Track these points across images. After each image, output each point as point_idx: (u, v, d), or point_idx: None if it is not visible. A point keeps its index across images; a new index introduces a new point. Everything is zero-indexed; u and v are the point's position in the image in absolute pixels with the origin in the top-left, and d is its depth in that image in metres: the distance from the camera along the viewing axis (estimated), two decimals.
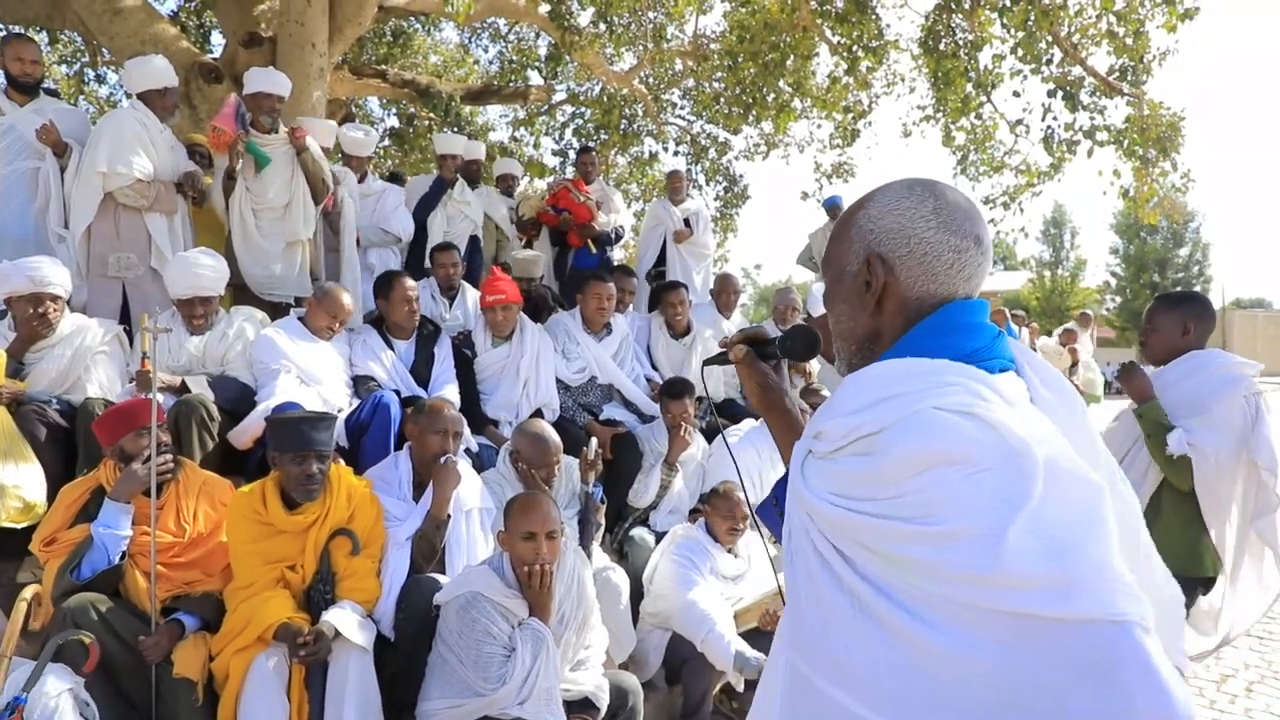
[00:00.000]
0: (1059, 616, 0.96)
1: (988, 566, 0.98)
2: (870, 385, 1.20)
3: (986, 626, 0.99)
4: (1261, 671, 4.86)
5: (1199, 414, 3.40)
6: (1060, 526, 1.00)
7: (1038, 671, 0.97)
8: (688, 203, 8.05)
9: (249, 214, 5.34)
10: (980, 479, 1.02)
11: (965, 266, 1.27)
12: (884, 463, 1.09)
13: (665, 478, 4.90)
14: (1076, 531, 1.00)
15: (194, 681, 3.04)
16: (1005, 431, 1.04)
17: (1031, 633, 0.97)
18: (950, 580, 1.01)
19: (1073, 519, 1.01)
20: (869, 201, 1.34)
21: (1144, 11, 9.27)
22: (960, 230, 1.27)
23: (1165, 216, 11.89)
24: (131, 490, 3.23)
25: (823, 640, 1.15)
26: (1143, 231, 40.92)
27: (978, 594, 1.00)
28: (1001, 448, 1.03)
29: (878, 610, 1.08)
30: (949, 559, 1.01)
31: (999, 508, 1.00)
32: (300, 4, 7.62)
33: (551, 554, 3.15)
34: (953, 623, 1.02)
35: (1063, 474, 1.03)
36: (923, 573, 1.04)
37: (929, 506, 1.04)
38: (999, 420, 1.05)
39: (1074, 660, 0.96)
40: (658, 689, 4.11)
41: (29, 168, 4.97)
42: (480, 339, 5.26)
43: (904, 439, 1.08)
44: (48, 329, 4.04)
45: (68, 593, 3.06)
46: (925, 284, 1.28)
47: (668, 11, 12.11)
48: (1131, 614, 0.97)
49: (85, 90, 13.49)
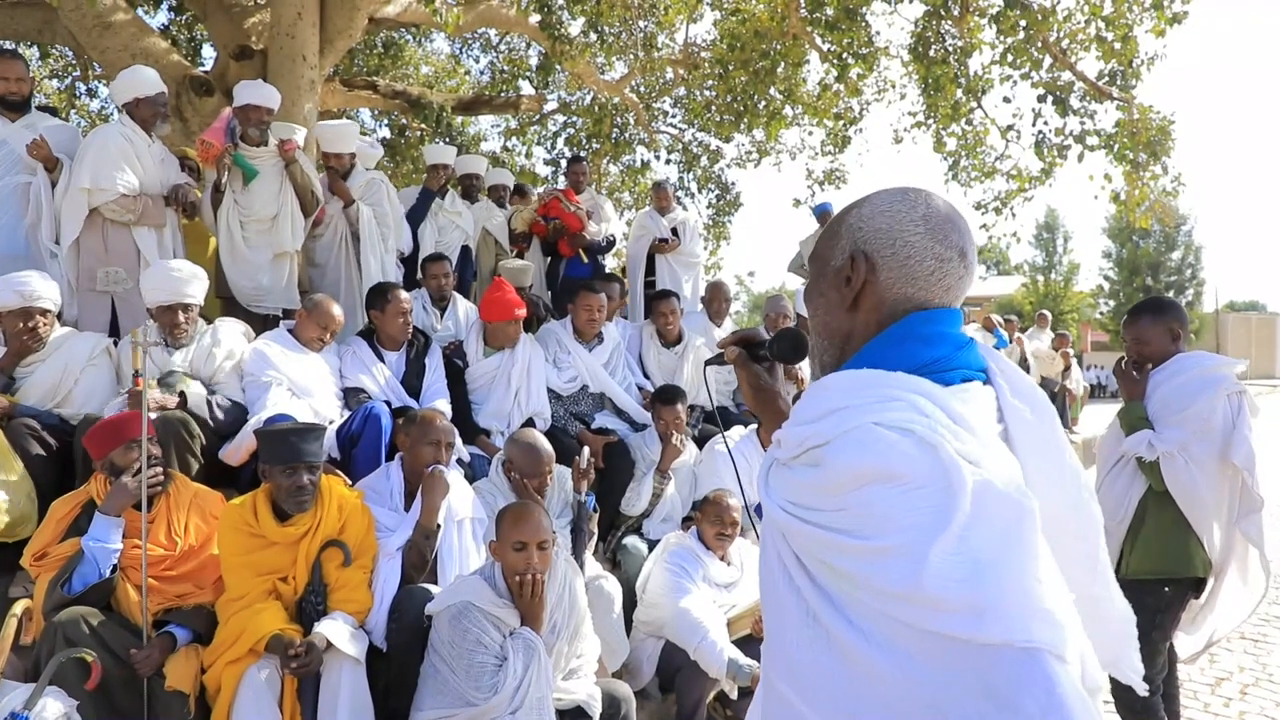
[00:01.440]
0: (971, 639, 0.97)
1: (910, 584, 1.00)
2: (824, 396, 1.21)
3: (913, 643, 1.01)
4: (1256, 674, 4.86)
5: (1176, 412, 3.42)
6: (982, 549, 1.00)
7: (949, 691, 0.98)
8: (675, 212, 8.07)
9: (237, 226, 5.34)
10: (912, 497, 1.03)
11: (946, 276, 1.28)
12: (827, 475, 1.12)
13: (658, 486, 4.90)
14: (999, 554, 1.01)
15: (186, 694, 3.04)
16: (940, 451, 1.05)
17: (948, 653, 0.99)
18: (880, 595, 1.03)
19: (997, 542, 1.01)
20: (863, 202, 1.36)
21: (1132, 16, 9.31)
22: (946, 240, 1.28)
23: (1157, 220, 11.93)
24: (122, 503, 3.22)
25: (780, 642, 1.18)
26: (1135, 235, 41.04)
27: (902, 610, 1.01)
28: (935, 467, 1.04)
29: (824, 617, 1.10)
30: (879, 574, 1.03)
31: (925, 527, 1.01)
32: (291, 16, 7.63)
33: (543, 564, 3.15)
34: (884, 636, 1.03)
35: (993, 496, 1.03)
36: (859, 585, 1.06)
37: (865, 521, 1.06)
38: (935, 440, 1.06)
39: (982, 683, 0.97)
40: (651, 697, 4.11)
41: (20, 183, 4.96)
42: (472, 349, 5.27)
43: (844, 453, 1.10)
44: (38, 343, 4.04)
45: (59, 607, 3.05)
46: (904, 287, 1.28)
47: (658, 20, 12.13)
48: (1042, 641, 0.97)
49: (77, 104, 13.48)
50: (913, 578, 0.99)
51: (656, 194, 8.25)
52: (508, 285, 5.39)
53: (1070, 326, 32.21)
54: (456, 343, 5.44)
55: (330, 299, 4.78)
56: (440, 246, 6.77)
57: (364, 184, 5.99)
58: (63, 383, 4.05)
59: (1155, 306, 3.67)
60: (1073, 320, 37.52)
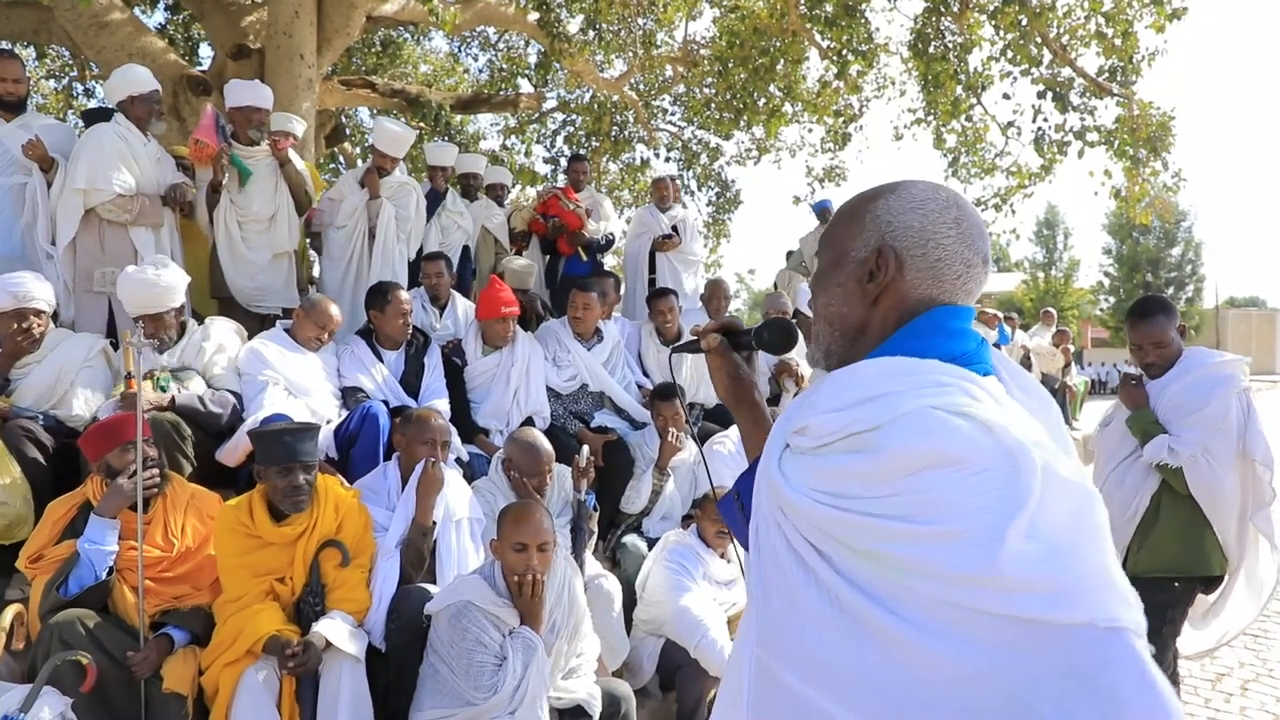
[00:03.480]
0: (1052, 620, 0.96)
1: (986, 568, 0.98)
2: (860, 382, 1.19)
3: (979, 629, 0.99)
4: (1256, 670, 4.85)
5: (1192, 413, 3.40)
6: (1057, 531, 0.99)
7: (1026, 675, 0.96)
8: (675, 210, 8.05)
9: (234, 226, 5.33)
10: (979, 480, 1.01)
11: (970, 281, 1.28)
12: (878, 460, 1.08)
13: (657, 483, 4.89)
14: (1073, 536, 1.00)
15: (184, 696, 3.03)
16: (1002, 433, 1.04)
17: (1026, 636, 0.97)
18: (945, 581, 1.01)
19: (1069, 524, 1.01)
20: (889, 193, 1.32)
21: (1132, 12, 9.31)
22: (974, 246, 1.28)
23: (1157, 216, 11.92)
24: (117, 505, 3.21)
25: (793, 637, 1.14)
26: (1135, 231, 41.01)
27: (973, 596, 0.99)
28: (999, 449, 1.03)
29: (857, 609, 1.06)
30: (945, 560, 1.00)
31: (998, 510, 0.99)
32: (288, 15, 7.61)
33: (542, 565, 3.13)
34: (942, 624, 1.01)
35: (1057, 479, 1.02)
36: (914, 572, 1.03)
37: (925, 506, 1.03)
38: (995, 422, 1.05)
39: (1063, 664, 0.95)
40: (652, 696, 4.10)
41: (16, 184, 4.95)
42: (471, 348, 5.26)
43: (900, 437, 1.07)
44: (32, 344, 4.02)
45: (55, 609, 3.04)
46: (930, 288, 1.27)
47: (657, 18, 12.12)
48: (1125, 620, 0.97)
49: (74, 104, 13.47)
50: (987, 561, 0.98)
51: (656, 189, 8.23)
52: (501, 284, 5.37)
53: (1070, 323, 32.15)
54: (455, 341, 5.42)
55: (328, 299, 4.76)
56: (444, 246, 6.76)
57: (396, 185, 5.97)
58: (58, 384, 4.03)
59: (1165, 306, 3.63)
60: (1073, 317, 37.46)
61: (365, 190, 5.82)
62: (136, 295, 4.22)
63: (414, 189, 6.05)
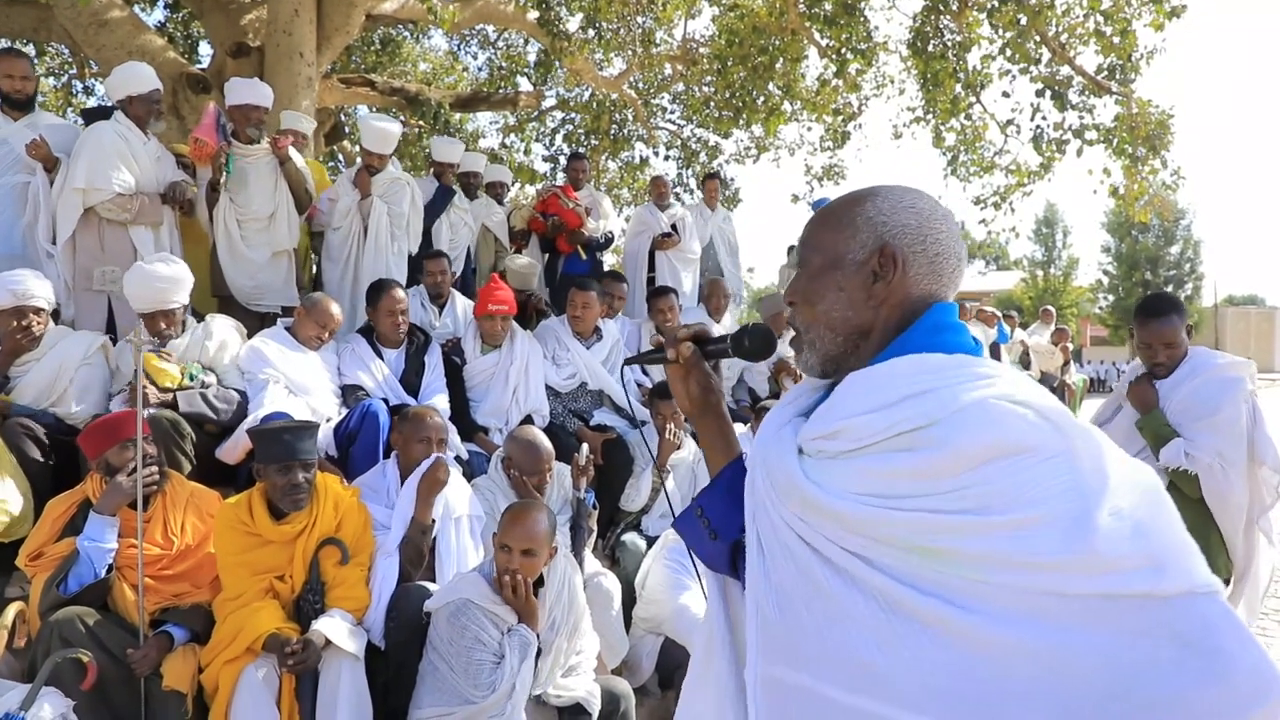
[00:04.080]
0: (1151, 593, 0.98)
1: (1079, 550, 0.99)
2: (896, 380, 1.17)
3: (1070, 613, 0.99)
4: None
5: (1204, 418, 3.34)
6: (1136, 506, 1.03)
7: (1135, 651, 0.98)
8: (674, 208, 8.06)
9: (234, 225, 5.32)
10: (1051, 465, 1.03)
11: (959, 274, 1.33)
12: (939, 456, 1.07)
13: (656, 481, 4.89)
14: (1150, 510, 1.04)
15: (183, 694, 3.03)
16: (1060, 418, 1.06)
17: (1124, 613, 0.99)
18: (1027, 569, 1.01)
19: (1142, 499, 1.04)
20: (875, 196, 1.33)
21: (1131, 10, 9.31)
22: (959, 240, 1.33)
23: (1156, 214, 11.93)
24: (117, 503, 3.21)
25: (836, 648, 1.11)
26: (1134, 230, 41.06)
27: (1062, 580, 1.00)
28: (1061, 434, 1.05)
29: (915, 608, 1.06)
30: (1028, 548, 1.01)
31: (1075, 492, 1.01)
32: (288, 14, 7.62)
33: (525, 569, 3.12)
34: (1024, 613, 1.01)
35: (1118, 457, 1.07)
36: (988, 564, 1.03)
37: (997, 497, 1.03)
38: (1051, 407, 1.08)
39: (1169, 632, 0.98)
40: (651, 694, 4.10)
41: (19, 182, 4.95)
42: (470, 346, 5.26)
43: (963, 431, 1.07)
44: (32, 342, 4.02)
45: (55, 607, 3.04)
46: (930, 284, 1.29)
47: (656, 16, 12.12)
48: (1215, 583, 1.02)
49: (73, 102, 13.46)
50: (1079, 542, 0.99)
51: (655, 187, 8.25)
52: (499, 282, 5.37)
53: (1069, 321, 32.19)
54: (454, 340, 5.42)
55: (328, 298, 4.77)
56: (454, 244, 6.76)
57: (389, 182, 5.92)
58: (57, 382, 4.04)
59: (1177, 305, 3.53)
60: (1072, 315, 37.50)
61: (358, 190, 5.82)
62: (143, 291, 4.22)
63: (408, 185, 6.01)
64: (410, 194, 5.99)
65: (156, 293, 4.22)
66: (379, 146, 5.89)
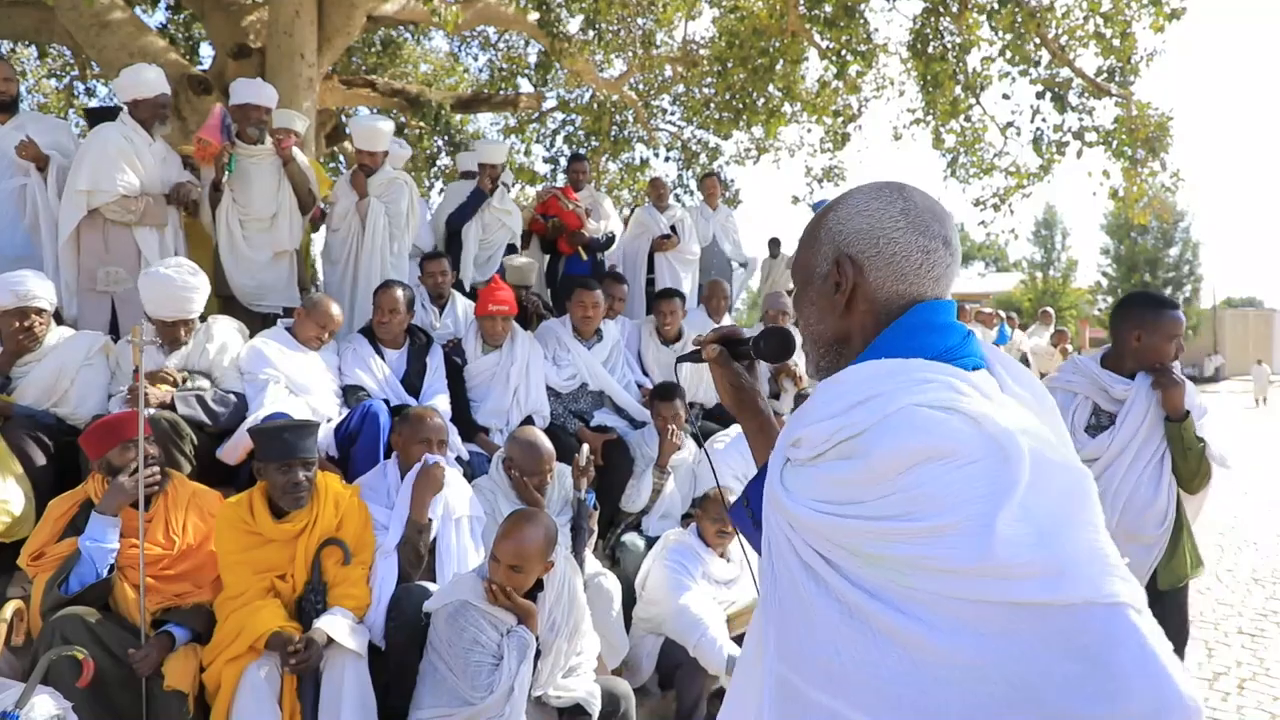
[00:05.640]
0: (1050, 602, 0.97)
1: (982, 558, 0.99)
2: (846, 389, 1.20)
3: (984, 620, 1.00)
4: (1254, 669, 4.86)
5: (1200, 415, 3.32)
6: (1047, 514, 1.01)
7: (1034, 661, 0.97)
8: (674, 209, 8.07)
9: (236, 225, 5.34)
10: (966, 472, 1.03)
11: (934, 267, 1.29)
12: (868, 464, 1.09)
13: (657, 482, 4.90)
14: (1064, 517, 1.02)
15: (185, 693, 3.03)
16: (988, 423, 1.05)
17: (1027, 622, 0.98)
18: (945, 575, 1.02)
19: (1058, 506, 1.02)
20: (837, 205, 1.35)
21: (1130, 12, 9.32)
22: (929, 231, 1.28)
23: (1155, 216, 11.94)
24: (118, 503, 3.22)
25: (811, 648, 1.14)
26: (1133, 232, 41.08)
27: (974, 587, 1.00)
28: (985, 440, 1.04)
29: (868, 613, 1.07)
30: (943, 554, 1.02)
31: (987, 498, 1.01)
32: (289, 15, 7.62)
33: (512, 584, 3.11)
34: (945, 618, 1.02)
35: (1047, 463, 1.04)
36: (917, 570, 1.04)
37: (917, 503, 1.04)
38: (981, 413, 1.07)
39: (1069, 645, 0.96)
40: (651, 694, 4.11)
41: (16, 185, 4.97)
42: (470, 346, 5.26)
43: (886, 438, 1.08)
44: (34, 342, 4.04)
45: (56, 607, 3.05)
46: (894, 284, 1.28)
47: (657, 18, 12.13)
48: (1123, 595, 0.98)
49: (75, 103, 13.47)
50: (982, 550, 0.99)
51: (654, 189, 8.26)
52: (499, 282, 5.37)
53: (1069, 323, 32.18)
54: (455, 340, 5.43)
55: (329, 298, 4.77)
56: (485, 245, 6.79)
57: (385, 182, 5.92)
58: (59, 382, 4.04)
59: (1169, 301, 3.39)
60: (1071, 316, 37.47)
61: (355, 191, 5.83)
62: (167, 300, 4.21)
63: (405, 184, 6.01)
64: (409, 194, 5.99)
65: (181, 301, 4.23)
66: (368, 144, 5.89)
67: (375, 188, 5.84)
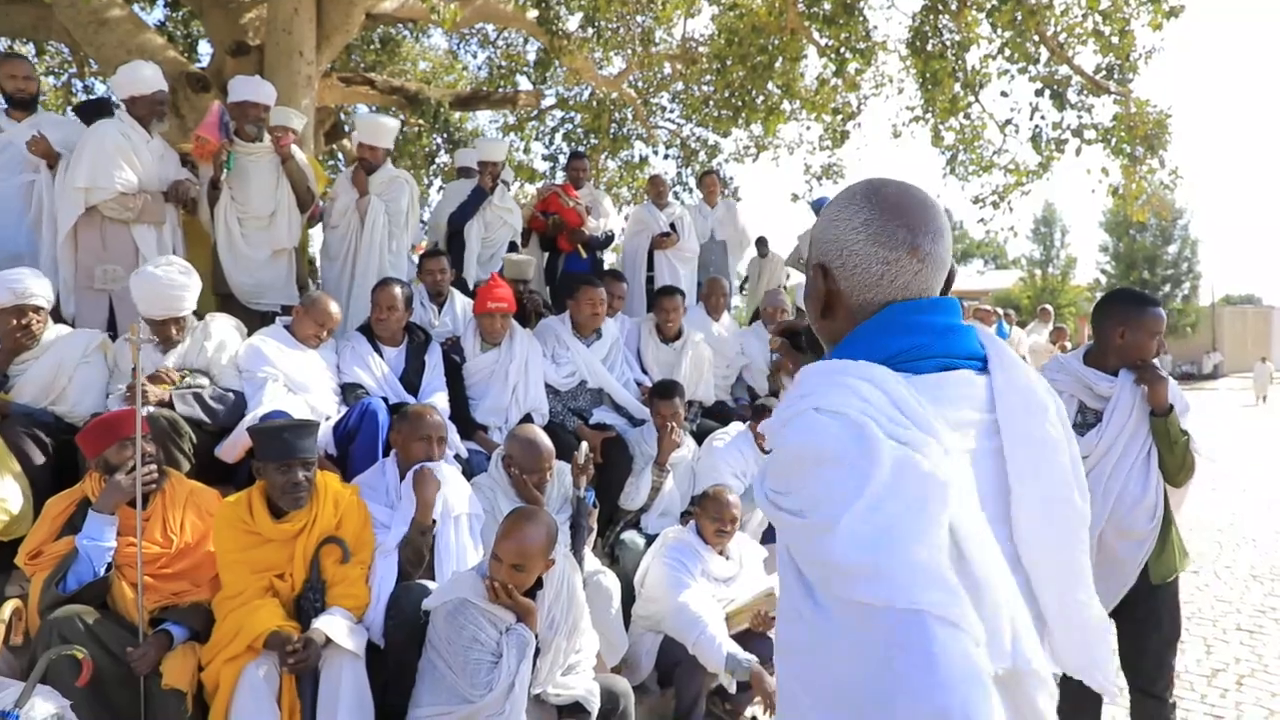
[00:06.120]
0: (869, 602, 1.00)
1: (829, 555, 1.04)
2: (794, 389, 1.24)
3: (845, 614, 1.04)
4: (1252, 665, 4.87)
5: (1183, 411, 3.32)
6: (890, 519, 1.03)
7: (862, 658, 1.01)
8: (673, 207, 8.07)
9: (234, 223, 5.34)
10: (838, 474, 1.07)
11: (898, 276, 1.26)
12: (775, 460, 1.17)
13: (656, 479, 4.90)
14: (904, 524, 1.03)
15: (183, 692, 3.03)
16: (864, 431, 1.09)
17: (857, 620, 1.02)
18: (817, 568, 1.08)
19: (905, 513, 1.04)
20: (823, 209, 1.38)
21: (1129, 10, 9.31)
22: (891, 240, 1.26)
23: (1154, 214, 11.94)
24: (115, 501, 3.22)
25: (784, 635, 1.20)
26: (1132, 229, 41.06)
27: (832, 583, 1.05)
28: (856, 446, 1.08)
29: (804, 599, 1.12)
30: (814, 550, 1.08)
31: (841, 501, 1.05)
32: (287, 12, 7.60)
33: (515, 583, 3.12)
34: (834, 610, 1.07)
35: (910, 471, 1.06)
36: (808, 564, 1.11)
37: (804, 501, 1.10)
38: (862, 420, 1.10)
39: (879, 646, 0.99)
40: (650, 692, 4.11)
41: (24, 181, 4.97)
42: (469, 344, 5.26)
43: (787, 438, 1.16)
44: (31, 340, 4.03)
45: (54, 605, 3.05)
46: (861, 294, 1.29)
47: (656, 15, 12.12)
48: (927, 603, 0.98)
49: (73, 101, 13.44)
50: (829, 547, 1.04)
51: (653, 186, 8.26)
52: (497, 280, 5.36)
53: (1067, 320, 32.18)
54: (454, 338, 5.43)
55: (328, 297, 4.77)
56: (487, 243, 6.79)
57: (386, 180, 5.91)
58: (56, 380, 4.04)
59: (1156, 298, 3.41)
60: (1070, 314, 37.45)
61: (355, 189, 5.82)
62: (156, 298, 4.20)
63: (406, 183, 6.01)
64: (409, 192, 5.99)
65: (171, 300, 4.22)
66: (371, 138, 5.89)
67: (375, 186, 5.84)
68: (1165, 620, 3.27)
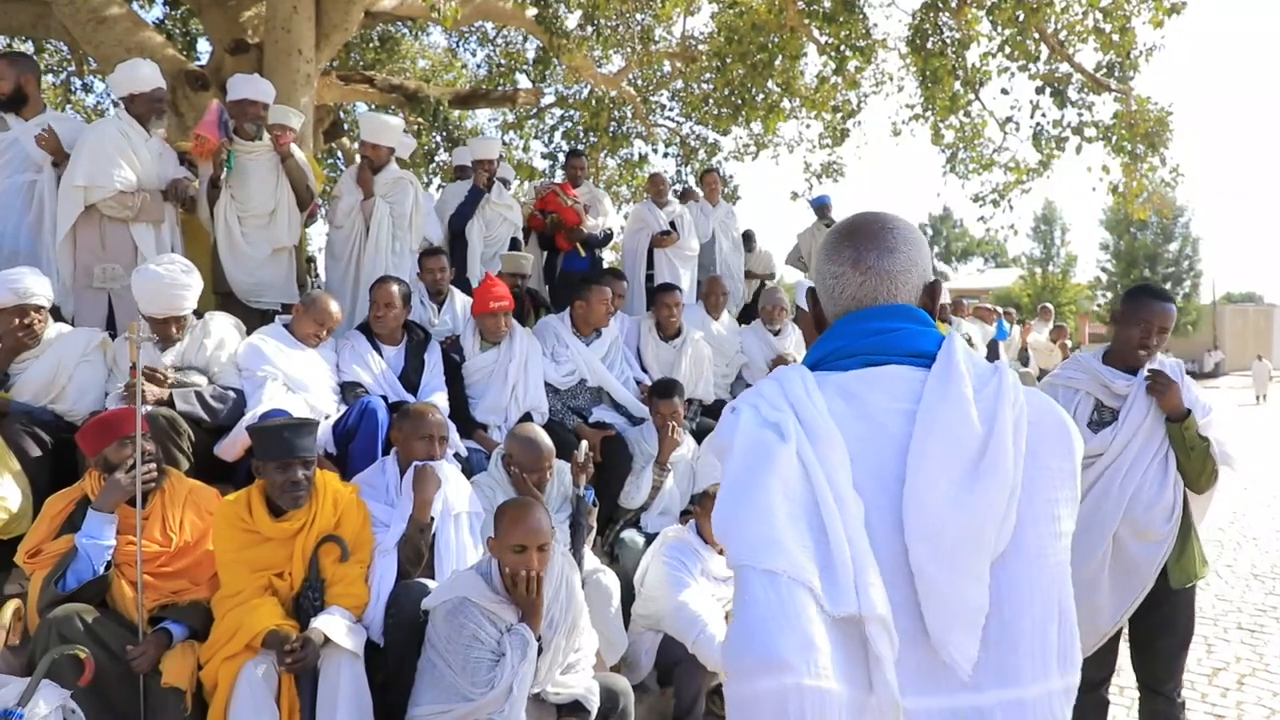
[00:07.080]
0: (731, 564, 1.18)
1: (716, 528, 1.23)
2: None
3: None
4: (1253, 664, 4.87)
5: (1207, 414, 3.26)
6: (749, 497, 1.18)
7: None
8: (672, 205, 8.06)
9: (234, 221, 5.32)
10: (726, 460, 1.26)
11: (845, 288, 1.43)
12: None
13: (656, 478, 4.89)
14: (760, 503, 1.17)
15: (182, 691, 3.03)
16: (754, 423, 1.26)
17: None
18: None
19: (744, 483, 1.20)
20: None
21: (1130, 7, 9.32)
22: (838, 256, 1.44)
23: (1155, 212, 11.95)
24: (115, 500, 3.21)
25: None
26: (1132, 227, 41.06)
27: None
28: (750, 437, 1.24)
29: None
30: None
31: (723, 483, 1.25)
32: (286, 10, 7.60)
33: (542, 565, 3.12)
34: None
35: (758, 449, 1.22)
36: None
37: None
38: (749, 416, 1.27)
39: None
40: (650, 691, 4.11)
41: (26, 180, 4.95)
42: (469, 343, 5.25)
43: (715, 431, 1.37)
44: (33, 340, 4.02)
45: (53, 604, 3.04)
46: (829, 308, 1.47)
47: (655, 14, 12.11)
48: (753, 560, 1.14)
49: (72, 99, 13.45)
50: (714, 521, 1.23)
51: (653, 184, 8.25)
52: (494, 279, 5.35)
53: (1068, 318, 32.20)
54: (453, 337, 5.42)
55: (328, 296, 4.76)
56: (489, 241, 6.78)
57: (391, 181, 5.89)
58: (56, 379, 4.03)
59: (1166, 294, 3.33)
60: (1070, 312, 37.49)
61: (360, 189, 5.80)
62: (157, 296, 4.19)
63: (411, 183, 6.00)
64: (414, 193, 5.97)
65: (173, 299, 4.21)
66: (374, 136, 5.87)
67: (380, 187, 5.83)
68: (1181, 624, 3.23)
